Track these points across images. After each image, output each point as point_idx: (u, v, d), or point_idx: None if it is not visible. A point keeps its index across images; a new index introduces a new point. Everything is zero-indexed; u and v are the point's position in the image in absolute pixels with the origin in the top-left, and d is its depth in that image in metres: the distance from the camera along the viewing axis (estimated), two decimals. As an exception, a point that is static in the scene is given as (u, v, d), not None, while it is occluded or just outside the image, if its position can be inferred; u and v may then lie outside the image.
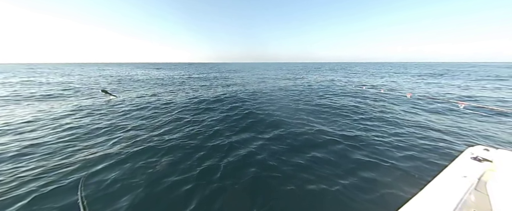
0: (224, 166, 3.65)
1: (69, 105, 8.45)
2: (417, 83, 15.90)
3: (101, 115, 6.89)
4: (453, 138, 4.84)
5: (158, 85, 15.95)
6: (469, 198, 1.52)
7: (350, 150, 4.19)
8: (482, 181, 1.59)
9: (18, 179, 3.17)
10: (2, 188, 2.95)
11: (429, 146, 4.33)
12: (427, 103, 8.35)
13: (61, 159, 3.84)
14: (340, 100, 9.29)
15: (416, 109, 7.64)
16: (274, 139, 4.88)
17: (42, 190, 2.92)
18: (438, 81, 17.54)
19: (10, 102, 8.91)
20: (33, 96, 10.47)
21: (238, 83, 17.22)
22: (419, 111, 7.30)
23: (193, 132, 5.37)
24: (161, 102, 9.21)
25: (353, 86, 13.97)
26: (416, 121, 6.10)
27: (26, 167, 3.52)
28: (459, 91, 11.97)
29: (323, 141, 4.66)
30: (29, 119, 6.35)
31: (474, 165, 1.79)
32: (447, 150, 4.17)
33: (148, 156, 3.96)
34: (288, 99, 9.86)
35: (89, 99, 9.66)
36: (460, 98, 9.51)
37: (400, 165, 3.60)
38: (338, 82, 17.12)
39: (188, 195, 2.90)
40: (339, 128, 5.59)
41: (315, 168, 3.53)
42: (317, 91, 12.33)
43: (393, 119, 6.31)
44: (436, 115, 6.80)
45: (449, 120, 6.29)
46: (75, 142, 4.65)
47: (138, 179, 3.19)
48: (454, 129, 5.45)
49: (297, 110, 7.74)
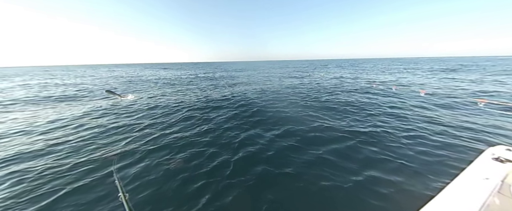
0: (234, 162, 3.68)
1: (85, 106, 8.76)
2: (429, 79, 15.34)
3: (116, 115, 7.09)
4: (470, 136, 4.57)
5: (167, 85, 16.22)
6: (493, 201, 1.43)
7: (362, 147, 4.11)
8: (506, 184, 1.50)
9: (50, 174, 3.34)
10: (36, 182, 3.12)
11: (444, 145, 4.15)
12: (441, 100, 8.04)
13: (85, 156, 3.99)
14: (350, 97, 9.10)
15: (429, 105, 7.37)
16: (283, 135, 4.86)
17: (70, 185, 3.05)
18: (452, 76, 16.86)
19: (33, 104, 9.35)
20: (52, 97, 10.94)
21: (244, 82, 17.23)
22: (433, 108, 7.03)
23: (203, 130, 5.43)
24: (171, 101, 9.36)
25: (363, 84, 13.67)
26: (429, 118, 5.88)
27: (55, 163, 3.69)
28: (474, 86, 11.45)
29: (333, 138, 4.60)
30: (51, 119, 6.63)
31: (496, 166, 1.69)
32: (464, 149, 3.97)
33: (163, 153, 4.05)
34: (296, 96, 9.77)
35: (103, 100, 9.96)
36: (476, 94, 9.11)
37: (413, 163, 3.48)
38: (347, 79, 16.79)
39: (201, 190, 2.94)
40: (349, 124, 5.49)
41: (326, 164, 3.49)
42: (325, 88, 12.15)
43: (405, 116, 6.12)
44: (452, 112, 6.53)
45: (466, 117, 6.01)
46: (95, 140, 4.82)
47: (155, 176, 3.27)
48: (472, 126, 5.17)
49: (305, 107, 7.66)
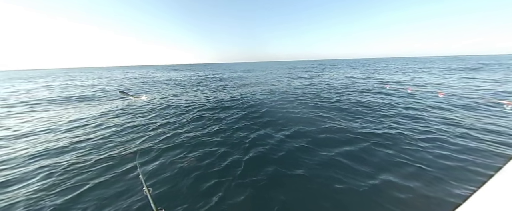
0: (245, 162, 3.72)
1: (103, 106, 9.21)
2: (447, 79, 14.62)
3: (131, 115, 7.39)
4: (496, 140, 4.24)
5: (178, 86, 16.65)
6: None
7: (376, 149, 4.01)
8: None
9: (74, 169, 3.56)
10: (62, 177, 3.34)
11: (467, 149, 3.92)
12: (462, 101, 7.63)
13: (105, 153, 4.21)
14: (361, 98, 8.88)
15: (448, 106, 7.02)
16: (293, 136, 4.84)
17: (92, 181, 3.23)
18: (472, 76, 15.94)
19: (56, 104, 9.97)
20: (72, 98, 11.60)
21: (253, 83, 17.29)
22: (453, 109, 6.68)
23: (214, 130, 5.53)
24: (182, 102, 9.61)
25: (375, 84, 13.28)
26: (449, 119, 5.60)
27: (78, 159, 3.93)
28: (498, 87, 10.75)
29: (346, 139, 4.52)
30: (73, 118, 7.04)
31: None
32: (490, 154, 3.69)
33: (177, 152, 4.18)
34: (305, 97, 9.68)
35: (118, 101, 10.40)
36: (500, 95, 8.56)
37: (432, 167, 3.32)
38: (358, 79, 16.37)
39: (213, 188, 3.01)
40: (362, 125, 5.37)
41: (339, 167, 3.44)
42: (335, 89, 11.92)
43: (422, 117, 5.87)
44: (474, 114, 6.15)
45: (490, 119, 5.63)
46: (113, 138, 5.07)
47: (170, 173, 3.39)
48: (497, 129, 4.79)
49: (316, 107, 7.58)
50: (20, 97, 12.41)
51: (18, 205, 2.68)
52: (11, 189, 3.06)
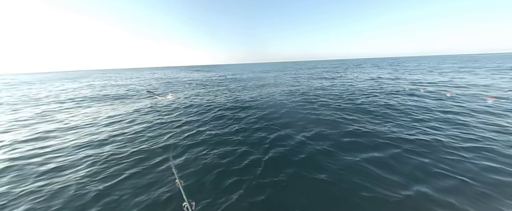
0: (265, 162, 3.74)
1: (134, 103, 10.10)
2: (496, 80, 12.76)
3: (159, 113, 7.97)
4: None
5: (200, 86, 17.40)
6: None
7: (409, 157, 3.69)
8: None
9: (113, 160, 3.98)
10: (103, 166, 3.75)
11: None
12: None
13: (137, 146, 4.62)
14: (390, 100, 8.25)
15: (499, 111, 6.09)
16: (314, 139, 4.72)
17: (128, 171, 3.57)
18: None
19: (97, 101, 11.23)
20: (109, 96, 12.95)
21: (272, 83, 17.21)
22: (504, 114, 5.75)
23: (234, 129, 5.67)
24: (204, 101, 10.03)
25: (405, 85, 12.21)
26: (500, 127, 4.86)
27: (116, 151, 4.38)
28: None
29: (373, 144, 4.25)
30: (110, 114, 7.86)
31: None
32: None
33: (200, 149, 4.40)
34: (327, 98, 9.34)
35: (148, 99, 11.29)
36: None
37: (479, 181, 2.92)
38: (386, 80, 15.22)
39: (234, 186, 3.08)
40: (391, 130, 4.99)
41: (365, 174, 3.25)
42: (360, 90, 11.24)
43: (465, 123, 5.23)
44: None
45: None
46: (144, 133, 5.53)
47: (194, 169, 3.57)
48: None
49: (338, 109, 7.26)
50: (68, 95, 14.23)
51: (70, 188, 3.09)
52: (64, 173, 3.54)
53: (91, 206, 2.70)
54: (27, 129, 6.27)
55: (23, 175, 3.53)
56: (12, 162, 3.96)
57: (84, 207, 2.70)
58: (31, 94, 15.07)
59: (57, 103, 10.91)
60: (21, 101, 11.84)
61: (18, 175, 3.54)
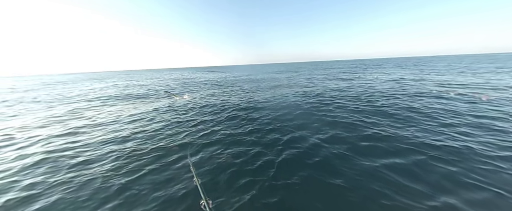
0: (278, 164, 3.70)
1: (154, 103, 10.64)
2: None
3: (176, 112, 8.30)
4: None
5: (215, 86, 17.80)
6: None
7: (435, 164, 3.41)
8: None
9: (134, 156, 4.23)
10: (126, 161, 4.00)
11: None
12: None
13: (156, 144, 4.85)
14: (414, 103, 7.71)
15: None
16: (330, 141, 4.56)
17: (148, 167, 3.77)
18: None
19: (121, 100, 12.04)
20: (131, 95, 13.82)
21: (285, 84, 17.01)
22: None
23: (248, 129, 5.70)
24: (218, 101, 10.23)
25: (432, 87, 11.32)
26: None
27: (137, 147, 4.65)
28: None
29: (394, 150, 4.00)
30: (132, 113, 8.37)
31: None
32: None
33: (214, 148, 4.49)
34: (344, 100, 8.99)
35: (166, 99, 11.83)
36: None
37: None
38: (409, 81, 14.24)
39: (247, 186, 3.09)
40: (415, 135, 4.65)
41: (386, 181, 3.06)
42: (380, 92, 10.62)
43: (503, 129, 4.70)
44: None
45: None
46: (163, 131, 5.80)
47: (209, 167, 3.66)
48: None
49: (356, 112, 6.95)
50: (96, 93, 15.42)
51: (97, 181, 3.34)
52: (91, 166, 3.85)
53: (114, 199, 2.89)
54: (61, 124, 6.91)
55: (56, 166, 3.89)
56: (47, 155, 4.39)
57: (107, 199, 2.89)
58: (64, 93, 16.59)
59: (86, 101, 11.89)
60: (56, 99, 13.09)
61: (53, 166, 3.91)
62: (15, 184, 3.33)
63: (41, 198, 2.97)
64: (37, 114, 8.76)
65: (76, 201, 2.87)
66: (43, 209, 2.74)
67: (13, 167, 3.89)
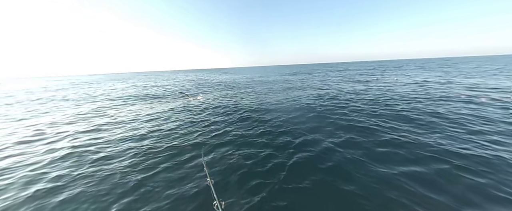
0: (289, 167, 3.64)
1: (169, 103, 11.08)
2: None
3: (190, 112, 8.56)
4: None
5: (228, 88, 18.07)
6: None
7: (461, 175, 3.14)
8: None
9: (150, 153, 4.43)
10: (143, 158, 4.20)
11: None
12: None
13: (171, 142, 5.04)
14: (438, 107, 7.19)
15: None
16: (344, 146, 4.41)
17: (162, 165, 3.93)
18: None
19: (140, 99, 12.71)
20: (149, 95, 14.53)
21: (298, 86, 16.75)
22: None
23: (259, 131, 5.69)
24: (231, 102, 10.36)
25: (460, 90, 10.47)
26: None
27: (153, 145, 4.87)
28: None
29: (414, 157, 3.75)
30: (149, 112, 8.79)
31: None
32: None
33: (226, 149, 4.55)
34: (360, 103, 8.64)
35: (181, 99, 12.25)
36: None
37: None
38: (434, 84, 13.30)
39: (257, 188, 3.08)
40: (439, 142, 4.32)
41: (404, 190, 2.88)
42: (400, 95, 10.01)
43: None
44: None
45: None
46: (177, 130, 6.01)
47: (219, 168, 3.71)
48: None
49: (374, 116, 6.64)
50: (117, 93, 16.42)
51: (116, 176, 3.54)
52: (112, 162, 4.09)
53: (130, 194, 3.03)
54: (86, 121, 7.45)
55: (80, 161, 4.19)
56: (73, 150, 4.74)
57: (124, 194, 3.04)
58: (90, 93, 17.89)
59: (109, 100, 12.70)
60: (82, 98, 14.16)
61: (77, 160, 4.22)
62: (44, 175, 3.64)
63: (65, 190, 3.20)
64: (65, 111, 9.54)
65: (96, 195, 3.06)
66: (67, 200, 2.96)
67: (43, 160, 4.26)
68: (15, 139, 5.67)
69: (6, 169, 3.88)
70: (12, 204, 2.88)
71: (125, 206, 2.79)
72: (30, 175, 3.65)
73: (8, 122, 7.79)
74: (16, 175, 3.64)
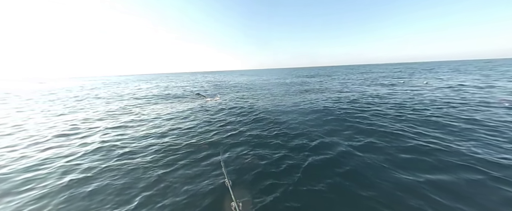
0: (304, 169, 3.57)
1: (188, 103, 11.57)
2: None
3: (208, 112, 8.84)
4: None
5: (244, 89, 18.31)
6: None
7: (500, 187, 2.79)
8: None
9: (168, 150, 4.67)
10: (163, 154, 4.45)
11: None
12: None
13: (189, 140, 5.26)
14: (476, 113, 6.46)
15: None
16: (363, 150, 4.19)
17: (180, 162, 4.13)
18: None
19: (161, 99, 13.50)
20: (170, 95, 15.35)
21: (316, 89, 16.30)
22: None
23: (274, 132, 5.65)
24: (247, 103, 10.47)
25: (504, 97, 9.28)
26: None
27: (172, 142, 5.13)
28: None
29: (445, 165, 3.42)
30: (169, 111, 9.29)
31: None
32: None
33: (241, 149, 4.61)
34: (383, 107, 8.13)
35: (199, 100, 12.72)
36: None
37: None
38: (471, 88, 11.96)
39: (270, 188, 3.06)
40: (474, 150, 3.88)
41: (430, 199, 2.64)
42: (431, 100, 9.14)
43: None
44: None
45: None
46: (195, 129, 6.26)
47: (234, 167, 3.77)
48: None
49: (399, 120, 6.19)
50: (142, 93, 17.61)
51: (139, 171, 3.78)
52: (135, 156, 4.39)
53: (151, 189, 3.21)
54: (114, 118, 8.11)
55: (108, 155, 4.56)
56: (102, 144, 5.19)
57: (146, 188, 3.22)
58: (118, 92, 19.45)
59: (135, 99, 13.69)
60: (111, 97, 15.45)
61: (105, 154, 4.60)
62: (77, 166, 4.02)
63: (94, 181, 3.48)
64: (97, 108, 10.50)
65: (121, 188, 3.27)
66: (95, 191, 3.21)
67: (77, 152, 4.73)
68: (55, 132, 6.39)
69: (47, 159, 4.38)
70: (50, 191, 3.21)
71: (146, 199, 2.95)
72: (66, 165, 4.07)
73: (50, 117, 8.81)
74: (55, 165, 4.09)
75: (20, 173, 3.80)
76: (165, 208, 2.73)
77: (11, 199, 3.03)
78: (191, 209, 2.70)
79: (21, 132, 6.52)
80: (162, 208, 2.74)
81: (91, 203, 2.89)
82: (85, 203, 2.90)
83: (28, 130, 6.74)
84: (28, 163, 4.18)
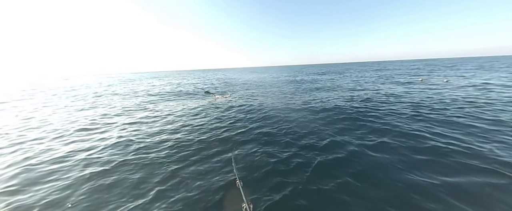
0: (314, 168, 3.54)
1: (199, 100, 11.85)
2: None
3: (218, 109, 8.98)
4: None
5: (254, 86, 18.34)
6: None
7: (530, 194, 2.59)
8: None
9: (182, 146, 4.82)
10: (176, 150, 4.61)
11: None
12: None
13: (200, 137, 5.40)
14: (503, 114, 6.01)
15: None
16: (377, 150, 4.07)
17: (191, 158, 4.26)
18: None
19: (174, 96, 13.90)
20: (182, 92, 15.77)
21: (327, 86, 15.92)
22: None
23: (283, 130, 5.63)
24: (257, 101, 10.51)
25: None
26: None
27: (184, 138, 5.30)
28: None
29: (465, 167, 3.25)
30: (180, 108, 9.56)
31: None
32: None
33: (250, 146, 4.65)
34: (399, 106, 7.80)
35: (210, 97, 12.94)
36: None
37: None
38: (498, 87, 11.06)
39: (279, 186, 3.07)
40: (498, 153, 3.63)
41: (448, 203, 2.52)
42: (453, 99, 8.56)
43: None
44: None
45: None
46: (206, 126, 6.40)
47: (244, 164, 3.82)
48: None
49: (416, 120, 5.92)
50: (156, 90, 18.22)
51: (153, 166, 3.93)
52: (150, 152, 4.58)
53: (164, 183, 3.32)
54: (130, 114, 8.49)
55: (125, 150, 4.78)
56: (119, 139, 5.46)
57: (159, 183, 3.34)
58: (134, 89, 20.26)
59: (149, 96, 14.21)
60: (127, 94, 16.15)
61: (122, 149, 4.83)
62: (97, 160, 4.27)
63: (113, 175, 3.66)
64: (115, 105, 11.03)
65: (136, 181, 3.43)
66: (113, 184, 3.37)
67: (97, 146, 5.02)
68: (77, 126, 6.81)
69: (70, 152, 4.70)
70: (73, 183, 3.44)
71: (159, 194, 3.06)
72: (87, 158, 4.34)
73: (73, 111, 9.41)
74: (77, 158, 4.38)
75: (47, 164, 4.11)
76: (178, 203, 2.83)
77: (40, 188, 3.30)
78: (202, 205, 2.78)
79: (48, 126, 7.03)
80: (175, 202, 2.85)
81: (109, 196, 3.06)
82: (104, 196, 3.07)
83: (53, 124, 7.25)
84: (54, 155, 4.52)
